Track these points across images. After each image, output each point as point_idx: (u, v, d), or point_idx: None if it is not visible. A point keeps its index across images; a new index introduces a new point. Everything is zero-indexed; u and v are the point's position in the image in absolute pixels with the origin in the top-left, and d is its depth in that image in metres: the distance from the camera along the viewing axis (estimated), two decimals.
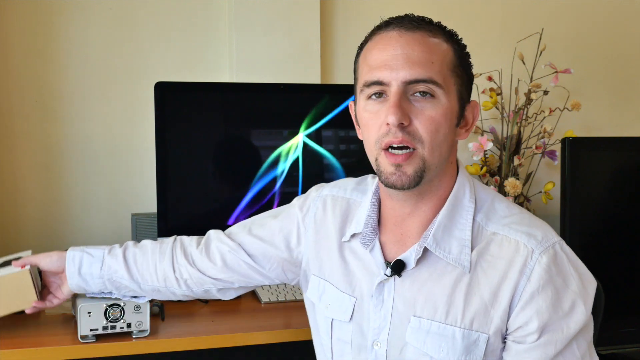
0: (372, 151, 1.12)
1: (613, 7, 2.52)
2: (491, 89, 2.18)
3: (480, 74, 2.18)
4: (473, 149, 2.12)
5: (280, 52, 2.14)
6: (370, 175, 1.31)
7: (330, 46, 2.24)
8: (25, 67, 2.05)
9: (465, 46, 1.15)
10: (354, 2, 2.28)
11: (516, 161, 2.16)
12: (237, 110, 1.95)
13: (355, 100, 1.18)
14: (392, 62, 1.08)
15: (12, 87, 2.04)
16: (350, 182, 1.33)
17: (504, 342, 1.09)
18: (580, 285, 1.08)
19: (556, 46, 2.36)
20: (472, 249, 1.10)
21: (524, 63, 2.20)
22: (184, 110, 1.90)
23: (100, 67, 2.10)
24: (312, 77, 2.16)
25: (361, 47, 1.17)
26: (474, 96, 2.18)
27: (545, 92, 2.22)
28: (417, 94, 1.08)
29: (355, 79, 1.17)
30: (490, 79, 2.20)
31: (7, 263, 1.57)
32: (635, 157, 1.95)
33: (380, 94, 1.10)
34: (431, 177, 1.11)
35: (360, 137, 1.19)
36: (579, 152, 1.83)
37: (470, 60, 1.16)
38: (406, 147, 1.07)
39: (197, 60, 2.18)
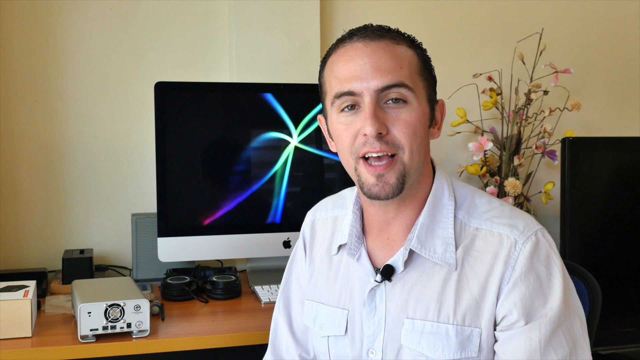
0: (349, 161, 1.13)
1: (613, 7, 2.52)
2: (491, 89, 2.18)
3: (480, 74, 2.18)
4: (473, 149, 2.12)
5: (280, 52, 2.14)
6: (347, 189, 1.33)
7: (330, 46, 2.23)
8: (25, 67, 2.05)
9: (425, 50, 1.16)
10: (354, 2, 2.28)
11: (516, 161, 2.16)
12: (237, 110, 1.95)
13: (325, 114, 1.19)
14: (361, 72, 1.08)
15: (12, 87, 2.04)
16: (328, 201, 1.35)
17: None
18: (563, 272, 1.09)
19: (556, 46, 2.36)
20: (457, 247, 1.12)
21: (524, 63, 2.20)
22: (184, 110, 1.90)
23: (100, 67, 2.10)
24: (312, 77, 2.16)
25: (324, 61, 1.18)
26: (474, 96, 2.20)
27: (545, 92, 2.22)
28: (390, 102, 1.09)
29: (323, 92, 1.18)
30: (490, 79, 2.20)
31: (11, 288, 1.58)
32: (635, 157, 1.95)
33: (352, 106, 1.10)
34: (412, 182, 1.12)
35: (333, 149, 1.20)
36: (579, 152, 1.83)
37: (431, 62, 1.17)
38: (386, 156, 1.08)
39: (197, 60, 2.18)
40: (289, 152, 1.95)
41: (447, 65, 2.29)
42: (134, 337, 1.52)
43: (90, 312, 1.48)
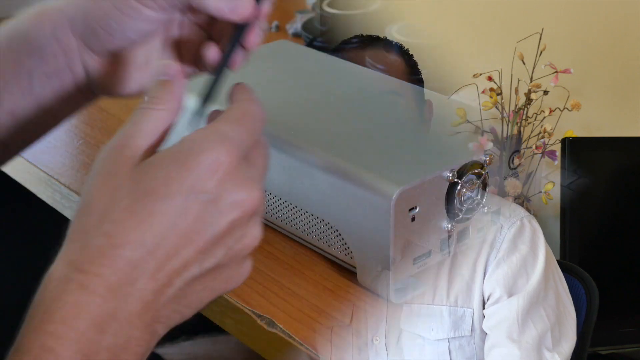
0: None
1: (613, 7, 2.52)
2: (491, 89, 2.17)
3: (480, 74, 2.18)
4: (473, 149, 2.12)
5: None
6: None
7: None
8: None
9: (412, 55, 1.27)
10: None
11: (516, 161, 2.16)
12: None
13: None
14: None
15: None
16: None
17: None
18: (547, 254, 1.16)
19: (556, 46, 2.36)
20: None
21: (524, 63, 2.20)
22: None
23: None
24: None
25: None
26: (473, 96, 2.20)
27: (545, 92, 2.21)
28: None
29: None
30: (490, 79, 2.19)
31: None
32: (635, 157, 1.95)
33: None
34: None
35: None
36: (579, 152, 1.84)
37: (418, 67, 1.28)
38: None
39: None
40: None
41: (447, 65, 2.29)
42: None
43: None
